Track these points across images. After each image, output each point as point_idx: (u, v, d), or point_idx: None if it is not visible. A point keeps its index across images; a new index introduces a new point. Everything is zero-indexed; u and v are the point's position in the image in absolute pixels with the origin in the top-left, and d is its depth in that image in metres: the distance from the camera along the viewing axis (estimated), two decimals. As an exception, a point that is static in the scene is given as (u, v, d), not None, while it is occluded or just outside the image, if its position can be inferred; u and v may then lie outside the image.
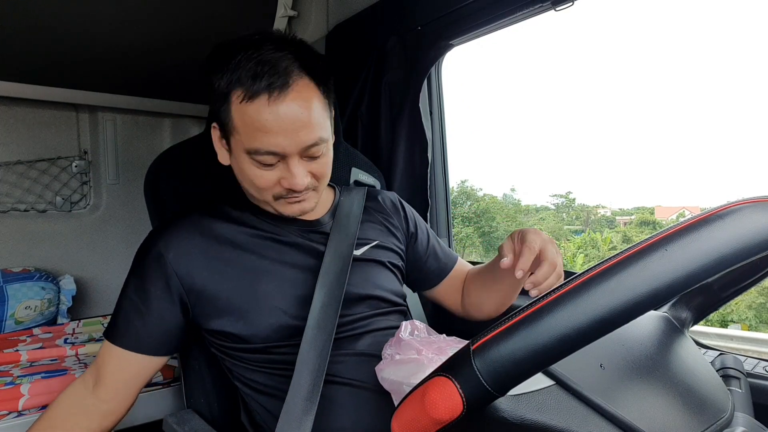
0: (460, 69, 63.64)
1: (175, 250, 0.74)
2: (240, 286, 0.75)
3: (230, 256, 0.76)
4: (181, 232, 0.76)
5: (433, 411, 0.37)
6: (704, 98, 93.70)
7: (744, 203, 0.39)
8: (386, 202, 0.96)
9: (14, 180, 1.92)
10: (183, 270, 0.74)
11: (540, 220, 22.77)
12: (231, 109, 0.68)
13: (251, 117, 0.66)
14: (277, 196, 0.73)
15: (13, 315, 1.70)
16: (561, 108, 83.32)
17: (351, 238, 0.81)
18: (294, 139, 0.67)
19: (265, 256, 0.77)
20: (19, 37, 1.51)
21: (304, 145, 0.69)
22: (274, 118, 0.66)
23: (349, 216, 0.85)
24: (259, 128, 0.66)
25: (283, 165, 0.70)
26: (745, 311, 11.98)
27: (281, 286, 0.76)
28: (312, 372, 0.70)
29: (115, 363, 0.75)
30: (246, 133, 0.67)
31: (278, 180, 0.71)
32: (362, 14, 1.48)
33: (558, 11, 1.08)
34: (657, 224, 19.49)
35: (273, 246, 0.78)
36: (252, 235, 0.78)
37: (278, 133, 0.66)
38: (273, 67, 0.65)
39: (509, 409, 0.40)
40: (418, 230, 0.97)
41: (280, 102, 0.65)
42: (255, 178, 0.71)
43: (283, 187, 0.72)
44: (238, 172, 0.75)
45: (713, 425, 0.49)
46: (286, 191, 0.72)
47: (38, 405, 1.18)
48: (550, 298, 0.36)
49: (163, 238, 0.76)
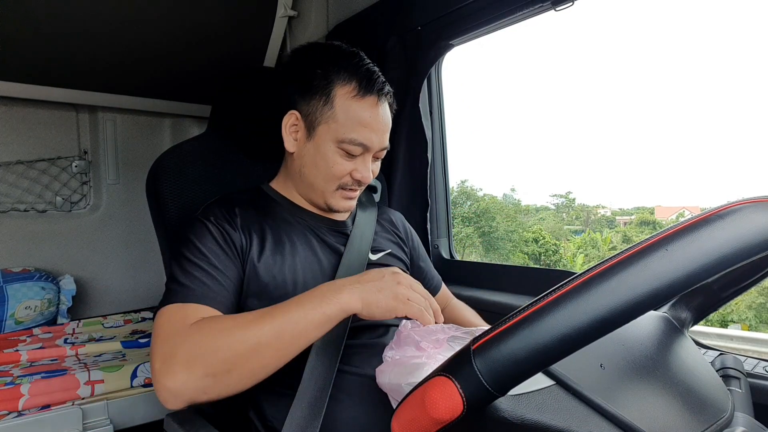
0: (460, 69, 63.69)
1: (242, 217, 0.80)
2: (278, 271, 0.78)
3: (274, 239, 0.81)
4: (243, 204, 0.83)
5: (434, 411, 0.37)
6: (704, 98, 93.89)
7: (744, 203, 0.39)
8: (397, 220, 1.05)
9: (14, 180, 1.92)
10: (246, 237, 0.78)
11: (540, 220, 22.78)
12: (334, 102, 0.78)
13: (356, 111, 0.78)
14: (340, 186, 0.83)
15: (13, 315, 1.71)
16: (561, 108, 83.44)
17: (367, 242, 0.89)
18: (380, 139, 0.81)
19: (297, 246, 0.82)
20: (19, 37, 1.51)
21: (382, 146, 0.82)
22: (375, 117, 0.79)
23: (365, 224, 0.93)
24: (360, 122, 0.78)
25: (360, 159, 0.81)
26: (745, 311, 11.98)
27: (305, 277, 0.80)
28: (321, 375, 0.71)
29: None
30: (346, 123, 0.78)
31: (350, 171, 0.81)
32: (362, 14, 1.48)
33: (558, 11, 1.08)
34: (657, 224, 19.49)
35: (306, 238, 0.84)
36: (289, 223, 0.84)
37: (374, 130, 0.79)
38: (379, 77, 0.80)
39: (509, 409, 0.40)
40: (420, 252, 1.06)
41: (381, 106, 0.80)
42: (334, 164, 0.80)
43: (353, 179, 0.82)
44: (314, 159, 0.81)
45: (713, 425, 0.49)
46: (353, 182, 0.82)
47: (38, 405, 1.18)
48: (551, 298, 0.36)
49: (228, 205, 0.81)
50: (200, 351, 0.61)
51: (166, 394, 0.60)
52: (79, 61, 1.66)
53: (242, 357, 0.61)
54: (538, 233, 18.97)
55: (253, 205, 0.84)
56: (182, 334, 0.63)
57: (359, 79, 0.78)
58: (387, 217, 1.03)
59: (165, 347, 0.62)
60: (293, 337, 0.62)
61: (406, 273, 0.95)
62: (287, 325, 0.62)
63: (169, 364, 0.60)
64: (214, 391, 0.61)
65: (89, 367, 1.33)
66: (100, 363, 1.39)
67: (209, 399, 0.61)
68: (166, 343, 0.63)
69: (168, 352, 0.62)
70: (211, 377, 0.60)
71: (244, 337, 0.61)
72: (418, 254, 1.05)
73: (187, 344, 0.61)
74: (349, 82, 0.78)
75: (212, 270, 0.72)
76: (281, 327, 0.62)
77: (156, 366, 0.62)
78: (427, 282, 1.05)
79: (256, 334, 0.61)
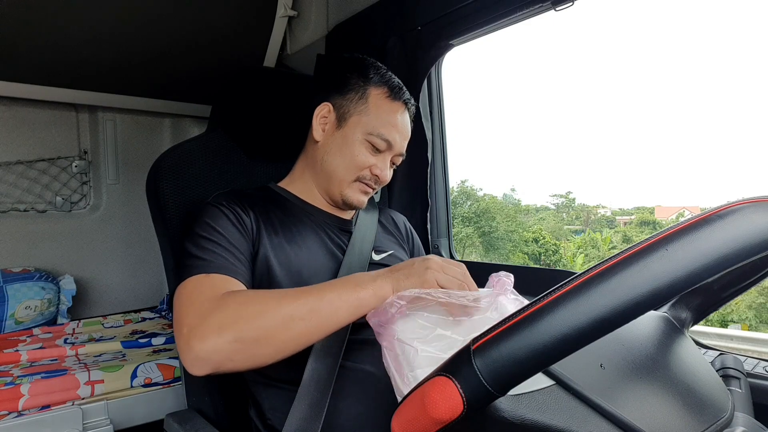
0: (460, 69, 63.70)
1: (252, 206, 0.83)
2: (293, 257, 0.81)
3: (284, 229, 0.84)
4: (253, 196, 0.86)
5: (434, 411, 0.37)
6: (704, 98, 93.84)
7: (744, 203, 0.39)
8: (399, 222, 1.07)
9: (14, 180, 1.92)
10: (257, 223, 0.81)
11: (540, 220, 22.78)
12: (369, 99, 0.86)
13: (386, 111, 0.86)
14: (358, 179, 0.87)
15: (13, 315, 1.71)
16: (561, 108, 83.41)
17: (369, 243, 0.92)
18: (402, 142, 0.89)
19: (306, 238, 0.85)
20: (20, 37, 1.51)
21: (402, 150, 0.90)
22: (401, 121, 0.88)
23: (367, 224, 0.95)
24: (389, 120, 0.86)
25: (382, 157, 0.87)
26: (745, 311, 11.98)
27: (309, 271, 0.81)
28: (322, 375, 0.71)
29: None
30: (378, 119, 0.85)
31: (370, 166, 0.86)
32: (362, 14, 1.48)
33: (558, 11, 1.08)
34: (657, 224, 19.50)
35: (310, 232, 0.86)
36: (298, 217, 0.87)
37: (399, 132, 0.87)
38: (406, 92, 0.90)
39: (509, 409, 0.40)
40: (421, 255, 1.04)
41: (406, 114, 0.89)
42: (359, 154, 0.85)
43: (372, 174, 0.87)
44: (341, 147, 0.86)
45: (713, 425, 0.49)
46: (371, 177, 0.87)
47: (38, 405, 1.18)
48: (551, 298, 0.36)
49: (239, 194, 0.84)
50: (233, 317, 0.61)
51: (192, 357, 0.61)
52: (79, 61, 1.66)
53: (273, 328, 0.61)
54: (538, 233, 18.98)
55: (262, 198, 0.88)
56: (214, 301, 0.64)
57: (390, 86, 0.88)
58: (389, 218, 1.05)
59: (195, 313, 0.63)
60: (326, 316, 0.63)
61: None
62: (322, 303, 0.63)
63: (199, 328, 0.61)
64: (240, 359, 0.62)
65: (89, 367, 1.33)
66: (100, 363, 1.39)
67: (234, 368, 0.62)
68: (196, 309, 0.64)
69: (199, 317, 0.62)
70: (240, 343, 0.61)
71: (277, 309, 0.62)
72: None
73: (220, 311, 0.62)
74: (382, 87, 0.87)
75: (229, 246, 0.74)
76: (316, 304, 0.63)
77: (184, 331, 0.62)
78: None
79: (290, 307, 0.62)
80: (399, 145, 0.88)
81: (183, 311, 0.65)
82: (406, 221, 1.09)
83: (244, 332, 0.61)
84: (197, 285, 0.68)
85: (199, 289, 0.67)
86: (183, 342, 0.62)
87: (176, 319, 0.66)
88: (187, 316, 0.64)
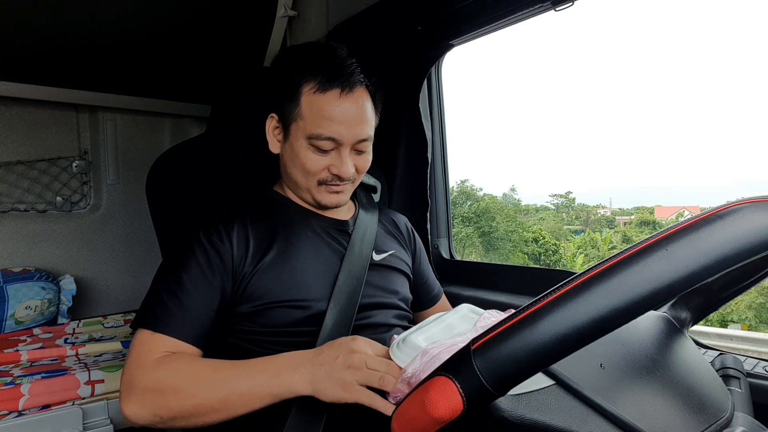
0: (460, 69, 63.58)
1: (243, 225, 0.80)
2: (279, 274, 0.79)
3: (279, 242, 0.81)
4: (246, 209, 0.84)
5: (434, 410, 0.37)
6: (704, 98, 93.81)
7: (744, 203, 0.39)
8: (400, 223, 1.05)
9: (14, 180, 1.92)
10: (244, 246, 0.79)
11: (540, 220, 22.76)
12: (300, 99, 0.79)
13: (320, 106, 0.78)
14: (321, 182, 0.83)
15: (14, 315, 1.70)
16: (561, 108, 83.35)
17: (369, 243, 0.90)
18: (351, 132, 0.79)
19: (302, 247, 0.83)
20: (19, 37, 1.51)
21: (358, 138, 0.80)
22: (341, 110, 0.78)
23: (368, 224, 0.93)
24: (325, 116, 0.78)
25: (335, 153, 0.81)
26: (745, 311, 11.97)
27: (307, 279, 0.80)
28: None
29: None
30: (312, 119, 0.78)
31: (327, 166, 0.81)
32: (362, 14, 1.48)
33: (558, 11, 1.08)
34: (657, 224, 19.47)
35: (307, 237, 0.84)
36: (294, 224, 0.85)
37: (341, 123, 0.78)
38: (345, 70, 0.79)
39: (509, 408, 0.40)
40: (422, 257, 1.06)
41: (347, 98, 0.78)
42: (308, 161, 0.80)
43: (331, 174, 0.82)
44: (291, 157, 0.83)
45: (713, 425, 0.49)
46: (332, 177, 0.82)
47: (38, 405, 1.18)
48: (550, 298, 0.36)
49: (229, 214, 0.82)
50: (156, 390, 0.67)
51: (125, 412, 0.68)
52: (79, 61, 1.66)
53: (187, 410, 0.66)
54: (538, 233, 18.97)
55: (258, 208, 0.85)
56: (144, 366, 0.69)
57: (322, 73, 0.78)
58: (391, 219, 1.04)
59: (127, 374, 0.70)
60: (238, 406, 0.66)
61: (410, 275, 0.96)
62: (234, 394, 0.65)
63: (128, 392, 0.68)
64: (164, 426, 0.68)
65: (89, 367, 1.33)
66: (101, 363, 1.39)
67: (164, 428, 0.68)
68: (129, 370, 0.70)
69: (129, 380, 0.69)
70: (159, 417, 0.67)
71: (191, 395, 0.66)
72: (420, 259, 1.05)
73: (146, 379, 0.68)
74: (312, 79, 0.79)
75: (189, 302, 0.73)
76: (228, 394, 0.65)
77: (121, 387, 0.70)
78: (426, 291, 1.05)
79: (202, 395, 0.66)
80: (350, 136, 0.79)
81: (127, 361, 0.71)
82: (407, 223, 1.08)
83: (162, 411, 0.66)
84: (142, 343, 0.72)
85: (141, 348, 0.71)
86: (119, 397, 0.70)
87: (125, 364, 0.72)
88: (124, 375, 0.70)
